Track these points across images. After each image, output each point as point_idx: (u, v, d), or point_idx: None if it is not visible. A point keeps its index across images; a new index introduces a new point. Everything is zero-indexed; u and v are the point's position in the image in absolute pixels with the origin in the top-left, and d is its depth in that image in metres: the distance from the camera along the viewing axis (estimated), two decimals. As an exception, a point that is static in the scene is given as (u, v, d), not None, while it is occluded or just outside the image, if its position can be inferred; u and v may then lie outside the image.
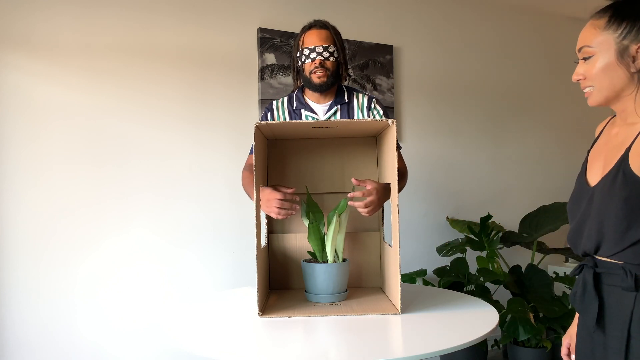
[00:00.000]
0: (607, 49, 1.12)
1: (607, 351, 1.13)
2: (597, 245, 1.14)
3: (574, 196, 1.23)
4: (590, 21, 1.16)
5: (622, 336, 1.09)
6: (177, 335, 1.31)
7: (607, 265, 1.14)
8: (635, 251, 1.08)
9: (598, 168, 1.18)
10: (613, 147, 1.16)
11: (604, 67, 1.12)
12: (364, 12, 3.14)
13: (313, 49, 1.83)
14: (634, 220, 1.06)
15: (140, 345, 2.49)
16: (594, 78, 1.14)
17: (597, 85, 1.14)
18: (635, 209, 1.06)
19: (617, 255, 1.11)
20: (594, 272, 1.16)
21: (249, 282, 2.63)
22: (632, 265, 1.09)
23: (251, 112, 2.79)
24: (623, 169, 1.08)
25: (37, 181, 2.33)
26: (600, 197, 1.12)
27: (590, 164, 1.23)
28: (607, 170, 1.13)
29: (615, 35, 1.11)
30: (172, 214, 2.59)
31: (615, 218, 1.08)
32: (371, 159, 1.82)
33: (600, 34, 1.12)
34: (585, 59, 1.15)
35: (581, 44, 1.15)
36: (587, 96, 1.18)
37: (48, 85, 2.36)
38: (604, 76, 1.13)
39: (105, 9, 2.47)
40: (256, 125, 1.47)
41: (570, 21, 3.85)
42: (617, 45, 1.11)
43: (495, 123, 3.55)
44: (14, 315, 2.27)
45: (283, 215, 1.59)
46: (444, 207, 3.37)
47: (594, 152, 1.24)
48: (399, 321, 1.39)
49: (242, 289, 1.88)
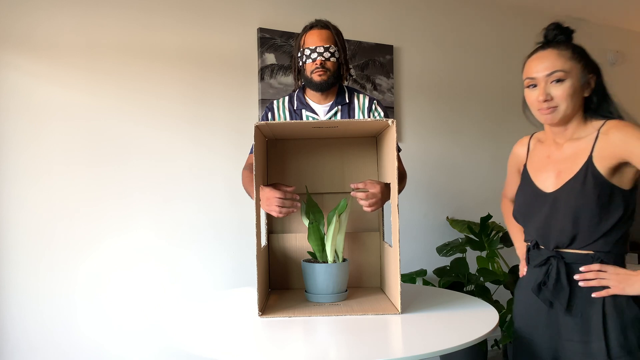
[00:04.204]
0: (575, 76, 1.32)
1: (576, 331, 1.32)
2: (571, 238, 1.32)
3: (527, 201, 1.42)
4: (553, 50, 1.34)
5: (597, 315, 1.29)
6: (177, 335, 1.31)
7: (577, 256, 1.33)
8: (605, 240, 1.30)
9: (549, 177, 1.38)
10: (564, 159, 1.36)
11: (572, 92, 1.31)
12: (364, 12, 3.14)
13: (314, 49, 1.83)
14: (604, 214, 1.28)
15: (140, 345, 2.49)
16: (562, 99, 1.31)
17: (562, 106, 1.32)
18: (605, 205, 1.28)
19: (589, 246, 1.31)
20: (564, 263, 1.34)
21: (249, 282, 2.62)
22: (601, 253, 1.30)
23: (251, 112, 2.79)
24: (591, 172, 1.28)
25: (37, 181, 2.33)
26: (572, 198, 1.30)
27: (535, 175, 1.43)
28: (569, 177, 1.32)
29: (580, 65, 1.32)
30: (172, 213, 2.59)
31: (590, 214, 1.28)
32: (371, 159, 1.82)
33: (568, 62, 1.32)
34: (556, 81, 1.31)
35: (552, 68, 1.32)
36: (546, 113, 1.34)
37: (48, 86, 2.36)
38: (571, 99, 1.32)
39: (106, 9, 2.47)
40: (256, 125, 1.47)
41: (569, 21, 3.84)
42: (581, 74, 1.32)
43: (495, 123, 3.55)
44: (14, 315, 2.27)
45: (284, 213, 1.57)
46: (444, 207, 3.37)
47: (536, 165, 1.44)
48: (399, 321, 1.39)
49: (242, 289, 1.88)
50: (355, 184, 1.63)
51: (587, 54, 1.35)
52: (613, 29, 4.13)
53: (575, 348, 1.32)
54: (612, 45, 4.10)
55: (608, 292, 1.29)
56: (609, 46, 4.08)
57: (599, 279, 1.30)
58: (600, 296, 1.29)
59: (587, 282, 1.31)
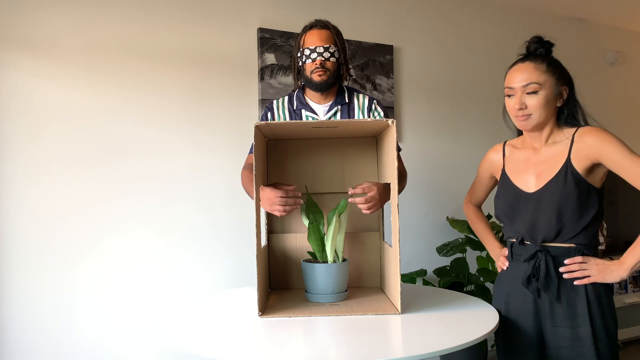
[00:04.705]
0: (549, 88, 1.47)
1: (563, 318, 1.47)
2: (557, 232, 1.48)
3: (510, 201, 1.56)
4: (530, 63, 1.50)
5: (582, 303, 1.45)
6: (177, 335, 1.31)
7: (561, 250, 1.49)
8: (585, 234, 1.47)
9: (529, 179, 1.53)
10: (543, 162, 1.51)
11: (545, 102, 1.47)
12: (364, 12, 3.14)
13: (314, 49, 1.83)
14: (584, 210, 1.45)
15: (140, 345, 2.49)
16: (536, 109, 1.47)
17: (536, 115, 1.48)
18: (584, 201, 1.45)
19: (572, 239, 1.47)
20: (551, 255, 1.49)
21: (249, 282, 2.62)
22: (582, 245, 1.47)
23: (251, 112, 2.79)
24: (571, 172, 1.45)
25: (38, 181, 2.33)
26: (555, 196, 1.46)
27: (515, 177, 1.57)
28: (549, 178, 1.48)
29: (554, 78, 1.48)
30: (172, 214, 2.59)
31: (572, 209, 1.45)
32: (371, 159, 1.83)
33: (542, 75, 1.47)
34: (531, 92, 1.47)
35: (528, 80, 1.47)
36: (522, 120, 1.49)
37: (48, 86, 2.36)
38: (544, 108, 1.47)
39: (106, 9, 2.47)
40: (256, 125, 1.47)
41: (569, 21, 3.85)
42: (555, 85, 1.48)
43: (495, 123, 3.55)
44: (14, 315, 2.27)
45: (288, 211, 1.58)
46: (444, 207, 3.37)
47: (515, 168, 1.59)
48: (399, 321, 1.39)
49: (242, 289, 1.88)
50: (352, 190, 1.63)
51: (562, 68, 1.51)
52: (613, 29, 4.13)
53: (564, 333, 1.46)
54: (612, 45, 4.10)
55: (589, 280, 1.46)
56: (609, 46, 4.08)
57: (581, 270, 1.46)
58: (582, 284, 1.46)
59: (571, 273, 1.47)
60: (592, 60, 3.99)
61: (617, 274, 1.44)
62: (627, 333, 3.71)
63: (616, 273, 1.44)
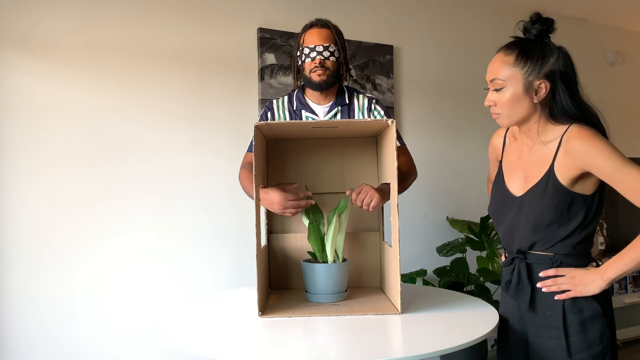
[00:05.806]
0: (515, 83, 1.32)
1: (539, 327, 1.38)
2: (531, 244, 1.38)
3: (498, 203, 1.47)
4: (500, 56, 1.37)
5: (558, 313, 1.34)
6: (177, 335, 1.31)
7: (538, 257, 1.38)
8: (564, 244, 1.34)
9: (519, 180, 1.42)
10: (532, 163, 1.39)
11: (511, 98, 1.34)
12: (364, 12, 3.14)
13: (313, 48, 1.82)
14: (563, 221, 1.32)
15: (140, 345, 2.49)
16: (503, 107, 1.36)
17: (505, 113, 1.37)
18: (564, 212, 1.32)
19: (549, 249, 1.36)
20: (526, 263, 1.39)
21: (249, 282, 2.62)
22: (560, 255, 1.35)
23: (251, 112, 2.79)
24: (552, 181, 1.32)
25: (38, 181, 2.33)
26: (533, 204, 1.35)
27: (507, 175, 1.46)
28: (533, 183, 1.36)
29: (523, 72, 1.32)
30: (172, 214, 2.59)
31: (548, 221, 1.33)
32: (371, 159, 1.82)
33: (509, 69, 1.33)
34: (496, 89, 1.35)
35: (492, 76, 1.36)
36: (495, 118, 1.40)
37: (48, 86, 2.36)
38: (512, 106, 1.34)
39: (106, 9, 2.47)
40: (256, 125, 1.47)
41: (569, 21, 3.85)
42: (524, 80, 1.32)
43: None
44: (14, 315, 2.27)
45: (300, 210, 1.64)
46: (444, 207, 3.37)
47: (509, 165, 1.47)
48: (399, 321, 1.39)
49: (242, 289, 1.88)
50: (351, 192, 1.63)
51: (543, 58, 1.32)
52: (613, 29, 4.13)
53: (541, 342, 1.38)
54: (612, 45, 4.10)
55: (568, 295, 1.33)
56: (609, 46, 4.08)
57: (557, 285, 1.34)
58: (562, 299, 1.34)
59: (549, 287, 1.35)
60: (592, 60, 3.98)
61: (596, 285, 1.30)
62: (627, 333, 3.72)
63: (594, 284, 1.30)
